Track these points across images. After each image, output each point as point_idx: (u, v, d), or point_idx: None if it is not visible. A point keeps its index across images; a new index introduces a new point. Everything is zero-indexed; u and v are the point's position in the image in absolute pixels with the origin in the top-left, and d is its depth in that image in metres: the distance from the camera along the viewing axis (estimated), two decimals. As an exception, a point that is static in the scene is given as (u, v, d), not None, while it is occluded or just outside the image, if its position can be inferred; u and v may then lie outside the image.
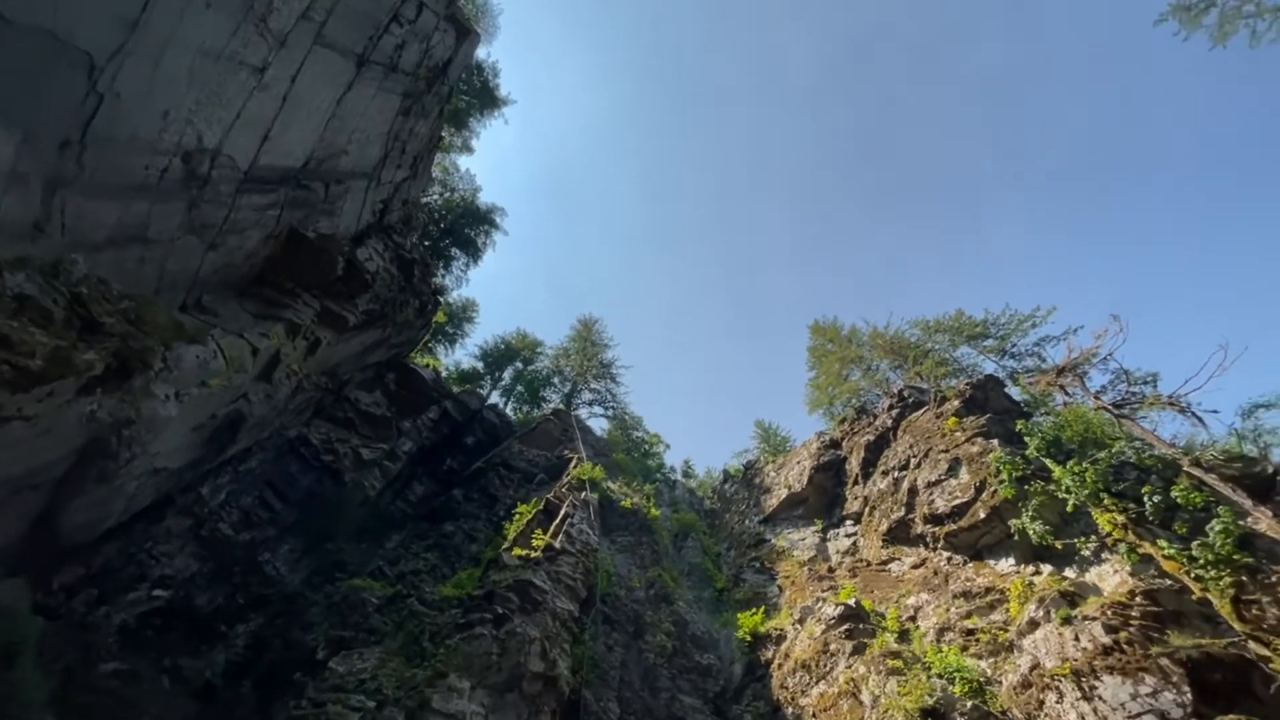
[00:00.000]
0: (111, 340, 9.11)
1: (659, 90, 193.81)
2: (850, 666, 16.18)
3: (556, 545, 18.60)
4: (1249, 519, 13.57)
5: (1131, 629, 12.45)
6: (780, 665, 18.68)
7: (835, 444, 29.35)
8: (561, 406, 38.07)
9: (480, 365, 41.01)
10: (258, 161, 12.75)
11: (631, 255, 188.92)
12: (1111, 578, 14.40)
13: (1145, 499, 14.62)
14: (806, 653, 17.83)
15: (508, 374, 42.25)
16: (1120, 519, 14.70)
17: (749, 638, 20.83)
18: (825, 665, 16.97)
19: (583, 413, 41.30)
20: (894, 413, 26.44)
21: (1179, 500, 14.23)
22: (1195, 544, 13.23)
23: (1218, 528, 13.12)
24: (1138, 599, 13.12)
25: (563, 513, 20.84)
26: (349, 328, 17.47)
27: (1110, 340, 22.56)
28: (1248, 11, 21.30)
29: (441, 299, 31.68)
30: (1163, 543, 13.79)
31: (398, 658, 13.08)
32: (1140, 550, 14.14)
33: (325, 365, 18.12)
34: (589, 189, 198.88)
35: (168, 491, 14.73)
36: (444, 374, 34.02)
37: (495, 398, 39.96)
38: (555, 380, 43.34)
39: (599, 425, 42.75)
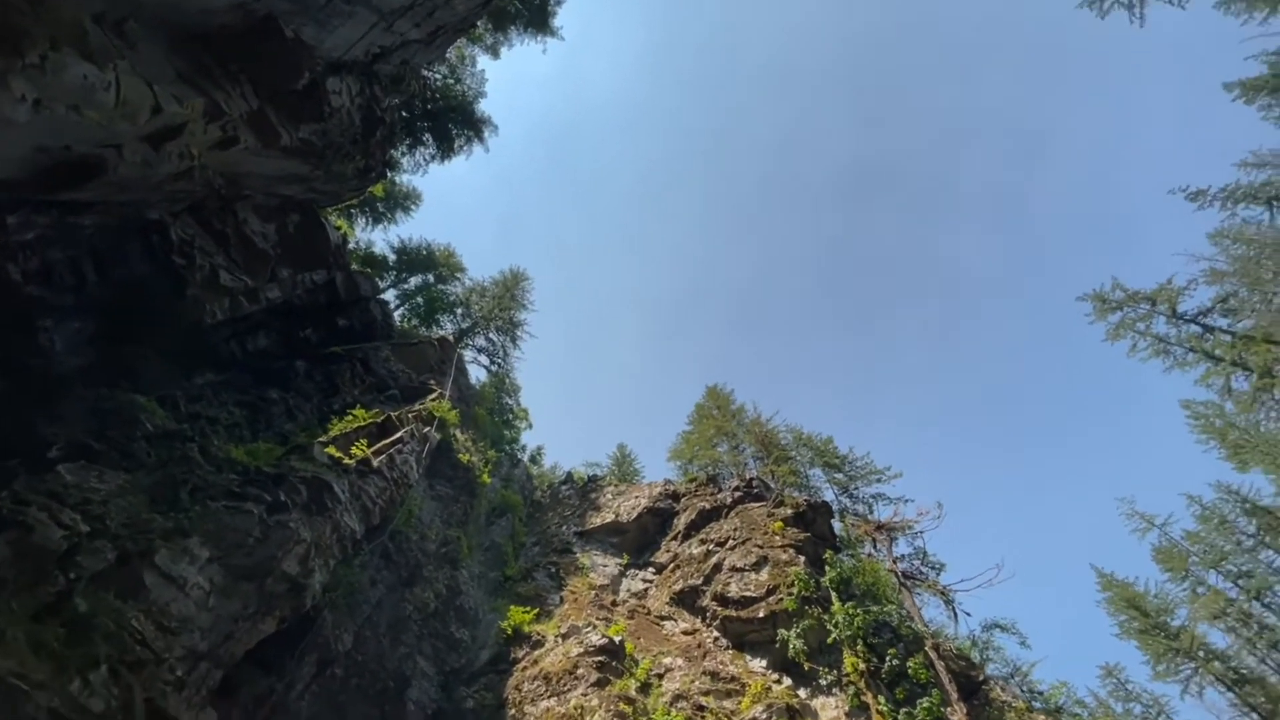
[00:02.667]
0: (-10, 1, 7.51)
1: (704, 101, 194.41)
2: (586, 695, 16.61)
3: (374, 464, 17.60)
4: (949, 709, 15.81)
5: (824, 758, 13.93)
6: (526, 668, 18.78)
7: (675, 496, 30.56)
8: (450, 338, 36.38)
9: (392, 258, 38.32)
10: (272, -73, 11.25)
11: (598, 241, 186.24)
12: (831, 710, 16.09)
13: (887, 659, 16.64)
14: (555, 666, 18.08)
15: (415, 281, 39.80)
16: (862, 666, 16.55)
17: (510, 631, 20.78)
18: (565, 684, 17.29)
19: (468, 354, 39.79)
20: (737, 494, 27.99)
21: (910, 671, 16.33)
22: (904, 711, 15.21)
23: (925, 704, 15.19)
24: (841, 736, 14.74)
25: (398, 436, 19.81)
26: (278, 146, 15.64)
27: (927, 521, 25.52)
28: (1139, 328, 25.85)
29: (389, 174, 29.42)
30: (882, 699, 15.68)
31: (144, 496, 11.59)
32: (863, 698, 15.96)
33: (230, 169, 16.03)
34: (592, 157, 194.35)
35: (-36, 197, 12.18)
36: (350, 245, 31.34)
37: (390, 296, 37.47)
38: (459, 311, 41.41)
39: (478, 374, 41.36)
